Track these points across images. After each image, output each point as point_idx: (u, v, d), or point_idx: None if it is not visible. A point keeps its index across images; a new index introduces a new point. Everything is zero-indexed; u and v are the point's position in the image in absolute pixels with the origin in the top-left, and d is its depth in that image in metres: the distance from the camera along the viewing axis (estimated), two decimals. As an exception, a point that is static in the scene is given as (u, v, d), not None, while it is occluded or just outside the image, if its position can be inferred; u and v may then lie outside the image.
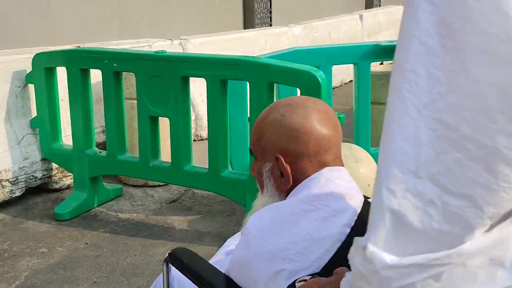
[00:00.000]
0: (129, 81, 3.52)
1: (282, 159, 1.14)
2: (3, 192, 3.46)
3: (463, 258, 0.51)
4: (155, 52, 3.11)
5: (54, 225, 3.27)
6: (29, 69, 3.53)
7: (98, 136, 3.81)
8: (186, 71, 2.93)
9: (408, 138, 0.53)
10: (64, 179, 3.80)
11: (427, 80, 0.52)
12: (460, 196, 0.50)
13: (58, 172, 3.76)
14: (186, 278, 1.18)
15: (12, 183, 3.50)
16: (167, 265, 1.24)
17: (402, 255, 0.53)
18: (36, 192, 3.69)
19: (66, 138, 3.61)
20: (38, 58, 3.45)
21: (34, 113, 3.63)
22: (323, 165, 1.14)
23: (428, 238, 0.51)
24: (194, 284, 1.15)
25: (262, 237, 1.04)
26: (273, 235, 1.04)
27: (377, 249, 0.55)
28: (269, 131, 1.17)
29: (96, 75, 3.42)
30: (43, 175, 3.68)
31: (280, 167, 1.15)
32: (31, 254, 2.92)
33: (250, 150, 1.24)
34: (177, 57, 3.09)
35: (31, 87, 3.59)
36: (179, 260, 1.19)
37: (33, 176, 3.61)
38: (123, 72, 3.25)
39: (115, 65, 3.16)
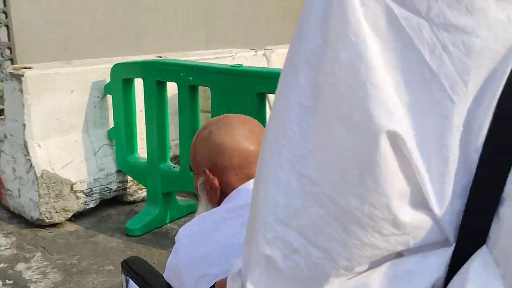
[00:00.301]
0: (208, 92, 3.39)
1: (209, 173, 1.23)
2: (77, 203, 3.44)
3: None
4: (231, 66, 2.95)
5: (124, 240, 3.19)
6: (108, 79, 3.50)
7: (176, 149, 3.71)
8: (262, 87, 2.75)
9: (281, 189, 0.58)
10: (139, 191, 3.74)
11: (301, 137, 0.57)
12: (320, 248, 0.56)
13: (133, 185, 3.70)
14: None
15: (87, 194, 3.47)
16: (125, 274, 1.34)
17: None
18: (110, 204, 3.65)
19: (142, 150, 3.54)
20: (116, 69, 3.40)
21: (111, 124, 3.60)
22: (248, 177, 1.21)
23: (295, 282, 0.58)
24: None
25: (190, 244, 1.11)
26: (199, 242, 1.10)
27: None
28: (200, 148, 1.28)
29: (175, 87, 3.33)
30: (118, 187, 3.63)
31: (208, 181, 1.23)
32: (97, 271, 2.84)
33: (190, 167, 1.33)
34: (253, 72, 2.91)
35: (109, 97, 3.56)
36: (130, 267, 1.31)
37: (107, 188, 3.57)
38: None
39: (190, 78, 3.03)
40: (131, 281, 1.32)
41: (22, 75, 3.22)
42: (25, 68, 3.33)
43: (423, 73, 0.53)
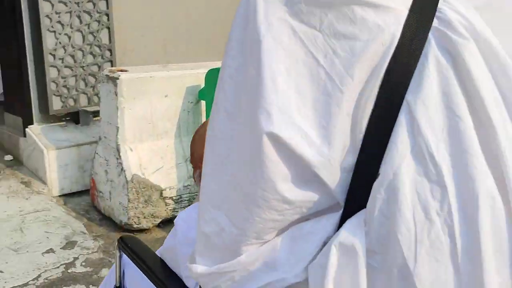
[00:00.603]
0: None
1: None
2: (166, 210, 3.37)
3: (244, 266, 0.72)
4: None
5: (209, 252, 3.07)
6: (203, 84, 3.40)
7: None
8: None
9: (215, 180, 0.73)
10: (228, 201, 3.61)
11: (226, 138, 0.71)
12: (236, 227, 0.71)
13: (222, 194, 3.58)
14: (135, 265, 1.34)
15: (176, 201, 3.39)
16: (119, 250, 1.40)
17: (210, 265, 0.75)
18: (199, 212, 3.55)
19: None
20: (210, 74, 3.30)
21: (204, 130, 3.50)
22: None
23: (224, 252, 0.73)
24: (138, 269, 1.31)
25: (186, 226, 1.19)
26: (195, 225, 1.12)
27: (195, 260, 0.77)
28: (196, 145, 1.37)
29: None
30: (207, 195, 3.52)
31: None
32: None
33: (190, 161, 1.42)
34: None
35: (203, 103, 3.47)
36: (127, 245, 1.37)
37: (196, 195, 3.47)
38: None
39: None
40: (124, 256, 1.40)
41: (118, 78, 3.20)
42: (121, 70, 3.31)
43: (319, 73, 0.66)
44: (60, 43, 3.85)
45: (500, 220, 0.63)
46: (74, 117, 4.06)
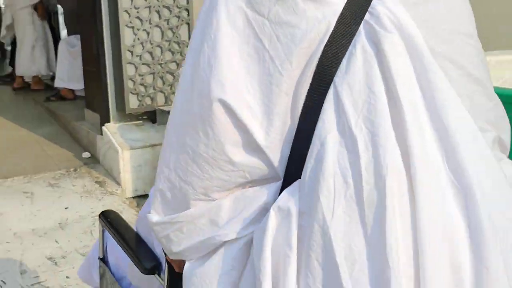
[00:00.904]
0: None
1: None
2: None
3: (190, 218, 0.84)
4: None
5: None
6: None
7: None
8: None
9: (169, 143, 0.85)
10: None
11: (181, 109, 0.84)
12: (187, 182, 0.83)
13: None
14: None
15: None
16: (101, 225, 1.47)
17: (162, 216, 0.87)
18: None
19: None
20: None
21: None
22: None
23: (175, 206, 0.86)
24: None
25: None
26: None
27: (151, 212, 0.90)
28: None
29: None
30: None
31: None
32: None
33: None
34: None
35: None
36: (106, 219, 1.44)
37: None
38: None
39: None
40: (106, 232, 1.46)
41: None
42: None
43: (264, 56, 0.78)
44: (138, 39, 3.72)
45: (403, 189, 0.74)
46: (151, 116, 3.93)
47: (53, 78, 6.10)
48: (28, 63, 6.13)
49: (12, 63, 6.60)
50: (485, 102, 0.89)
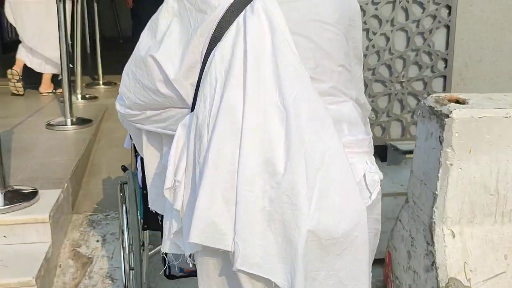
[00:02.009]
0: None
1: None
2: None
3: (138, 115, 1.33)
4: None
5: None
6: None
7: None
8: None
9: (128, 70, 1.31)
10: None
11: (134, 59, 1.31)
12: (133, 95, 1.29)
13: None
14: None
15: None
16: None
17: (124, 110, 1.34)
18: None
19: None
20: None
21: None
22: None
23: (128, 107, 1.34)
24: None
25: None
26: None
27: (116, 105, 1.37)
28: None
29: None
30: None
31: None
32: None
33: None
34: None
35: None
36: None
37: None
38: None
39: None
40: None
41: (447, 115, 1.87)
42: (457, 101, 1.96)
43: (189, 31, 1.21)
44: (373, 46, 2.69)
45: (239, 104, 1.15)
46: (380, 152, 2.87)
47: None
48: None
49: None
50: (328, 65, 1.23)
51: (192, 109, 1.21)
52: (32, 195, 2.57)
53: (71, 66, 5.25)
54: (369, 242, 1.21)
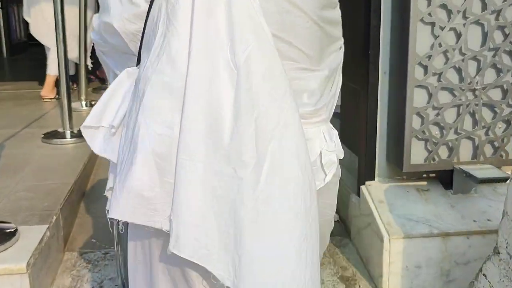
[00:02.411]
0: None
1: None
2: None
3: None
4: None
5: None
6: None
7: None
8: None
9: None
10: None
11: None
12: (111, 18, 1.10)
13: None
14: None
15: None
16: None
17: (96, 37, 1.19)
18: None
19: None
20: None
21: None
22: None
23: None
24: None
25: None
26: None
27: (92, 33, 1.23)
28: None
29: None
30: None
31: None
32: None
33: None
34: None
35: None
36: None
37: None
38: None
39: None
40: None
41: None
42: None
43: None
44: (440, 45, 2.11)
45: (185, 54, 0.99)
46: (443, 177, 2.30)
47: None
48: None
49: None
50: (295, 19, 1.03)
51: (139, 61, 1.07)
52: (9, 235, 2.04)
53: (90, 65, 4.86)
54: (318, 228, 1.04)
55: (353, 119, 2.64)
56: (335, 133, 1.21)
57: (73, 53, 4.67)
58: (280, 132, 0.97)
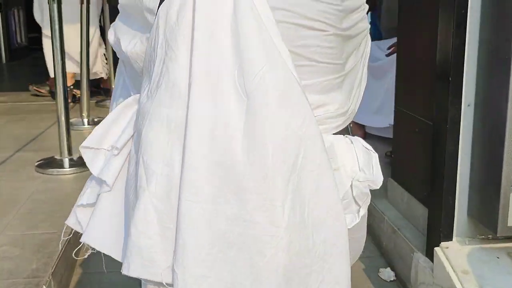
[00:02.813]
0: None
1: None
2: None
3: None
4: None
5: None
6: None
7: None
8: None
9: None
10: None
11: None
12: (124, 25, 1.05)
13: None
14: None
15: None
16: None
17: (113, 39, 1.06)
18: None
19: None
20: None
21: None
22: None
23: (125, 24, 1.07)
24: None
25: None
26: None
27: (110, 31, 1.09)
28: None
29: None
30: None
31: None
32: None
33: None
34: None
35: None
36: None
37: None
38: None
39: None
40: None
41: None
42: None
43: None
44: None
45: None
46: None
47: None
48: None
49: None
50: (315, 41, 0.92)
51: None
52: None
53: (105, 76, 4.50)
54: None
55: (418, 158, 2.13)
56: (375, 156, 1.05)
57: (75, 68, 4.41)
58: (300, 166, 0.87)
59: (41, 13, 4.66)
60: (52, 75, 4.23)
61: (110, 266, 1.27)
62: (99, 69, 4.94)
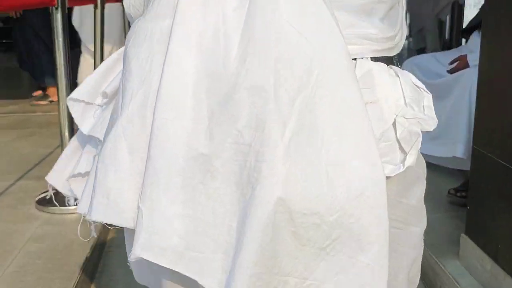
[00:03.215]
0: None
1: None
2: None
3: None
4: None
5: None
6: None
7: None
8: None
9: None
10: None
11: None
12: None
13: None
14: None
15: None
16: None
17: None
18: None
19: None
20: None
21: None
22: None
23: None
24: None
25: None
26: None
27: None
28: None
29: None
30: None
31: None
32: None
33: None
34: None
35: None
36: None
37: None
38: None
39: None
40: None
41: None
42: None
43: None
44: None
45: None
46: None
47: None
48: None
49: None
50: None
51: None
52: None
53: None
54: (388, 254, 0.68)
55: (505, 214, 1.64)
56: (428, 97, 0.85)
57: None
58: (316, 81, 0.70)
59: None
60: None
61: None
62: None
